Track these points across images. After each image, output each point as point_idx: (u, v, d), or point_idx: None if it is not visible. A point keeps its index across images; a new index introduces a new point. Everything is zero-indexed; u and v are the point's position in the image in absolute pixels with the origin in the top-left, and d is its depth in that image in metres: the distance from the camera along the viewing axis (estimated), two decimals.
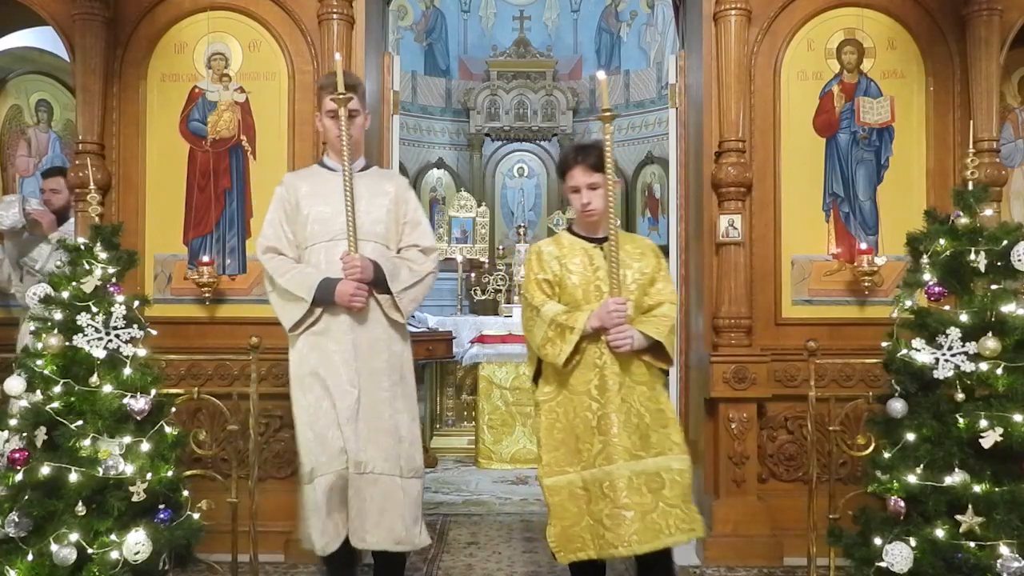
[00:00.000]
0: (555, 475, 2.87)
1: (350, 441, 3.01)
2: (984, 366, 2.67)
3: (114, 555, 2.64)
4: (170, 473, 2.81)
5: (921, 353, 2.75)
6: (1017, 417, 2.59)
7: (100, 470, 2.68)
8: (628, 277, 2.88)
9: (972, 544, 2.56)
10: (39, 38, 5.05)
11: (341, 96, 2.98)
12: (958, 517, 2.59)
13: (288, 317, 3.12)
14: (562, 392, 2.89)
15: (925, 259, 2.85)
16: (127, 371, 2.81)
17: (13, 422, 2.78)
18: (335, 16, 3.94)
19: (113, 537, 2.67)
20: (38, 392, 2.77)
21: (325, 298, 3.04)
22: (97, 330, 2.81)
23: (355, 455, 3.01)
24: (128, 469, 2.71)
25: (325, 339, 3.09)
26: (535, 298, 2.90)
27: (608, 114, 2.78)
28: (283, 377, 3.39)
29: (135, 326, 2.87)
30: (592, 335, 2.81)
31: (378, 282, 3.07)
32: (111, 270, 2.90)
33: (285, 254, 3.16)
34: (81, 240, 2.96)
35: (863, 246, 3.98)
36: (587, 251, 2.93)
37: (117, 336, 2.82)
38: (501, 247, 10.01)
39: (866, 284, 3.98)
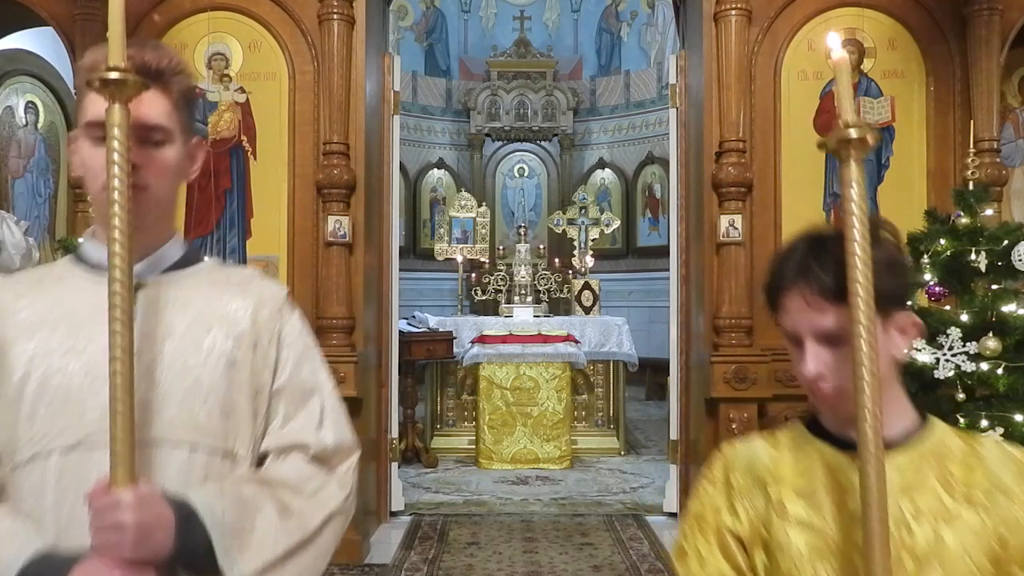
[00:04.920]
0: None
1: None
2: (985, 366, 2.68)
3: None
4: None
5: (922, 353, 2.75)
6: (1018, 417, 2.60)
7: None
8: (946, 538, 1.14)
9: None
10: (31, 39, 5.05)
11: (112, 75, 1.15)
12: None
13: None
14: None
15: (925, 259, 2.85)
16: None
17: None
18: (335, 16, 3.94)
19: None
20: None
21: None
22: None
23: None
24: None
25: None
26: (693, 567, 1.24)
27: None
28: None
29: None
30: None
31: (192, 554, 1.12)
32: None
33: None
34: (81, 240, 2.96)
35: None
36: (834, 470, 1.20)
37: None
38: (501, 247, 9.99)
39: None
